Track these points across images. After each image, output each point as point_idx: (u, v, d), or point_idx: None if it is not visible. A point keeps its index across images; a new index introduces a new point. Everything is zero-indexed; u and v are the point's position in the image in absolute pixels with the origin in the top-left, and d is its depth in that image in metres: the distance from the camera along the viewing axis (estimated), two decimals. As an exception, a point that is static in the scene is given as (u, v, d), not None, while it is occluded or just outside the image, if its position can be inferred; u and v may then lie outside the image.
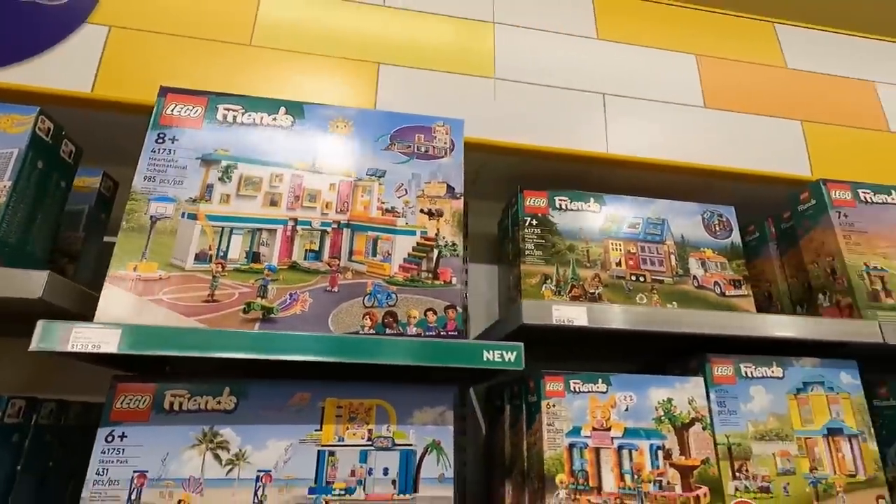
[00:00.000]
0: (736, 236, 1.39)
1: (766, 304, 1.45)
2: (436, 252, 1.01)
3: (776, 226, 1.46)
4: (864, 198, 1.28)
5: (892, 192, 1.30)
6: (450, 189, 1.07)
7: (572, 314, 0.97)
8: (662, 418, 1.00)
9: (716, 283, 1.33)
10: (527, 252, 1.27)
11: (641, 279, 1.30)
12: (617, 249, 1.33)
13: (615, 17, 1.58)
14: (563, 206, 1.34)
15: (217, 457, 0.90)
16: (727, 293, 1.32)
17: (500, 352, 0.92)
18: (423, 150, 1.09)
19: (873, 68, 1.70)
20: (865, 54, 1.72)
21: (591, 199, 1.36)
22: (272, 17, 1.35)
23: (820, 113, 1.58)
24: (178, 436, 0.90)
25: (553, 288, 1.26)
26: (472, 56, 1.42)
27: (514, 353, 0.92)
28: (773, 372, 1.10)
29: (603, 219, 1.34)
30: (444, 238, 1.02)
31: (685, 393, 1.03)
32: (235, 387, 0.93)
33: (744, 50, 1.63)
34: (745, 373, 1.09)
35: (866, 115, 1.62)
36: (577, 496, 0.92)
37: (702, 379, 1.05)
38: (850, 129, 1.58)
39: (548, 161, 1.39)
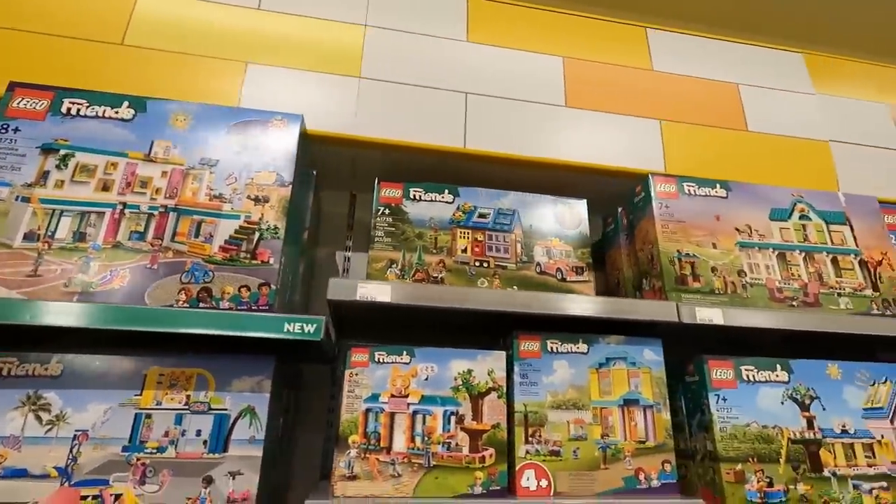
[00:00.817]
0: (585, 227, 1.49)
1: (615, 290, 1.56)
2: (257, 234, 1.11)
3: (627, 217, 1.56)
4: (688, 190, 1.38)
5: (717, 185, 1.40)
6: (279, 178, 1.17)
7: (376, 292, 1.07)
8: (460, 387, 1.10)
9: (558, 269, 1.43)
10: (376, 238, 1.37)
11: (485, 265, 1.40)
12: (465, 237, 1.43)
13: (488, 21, 1.69)
14: (417, 197, 1.44)
15: (38, 417, 1.00)
16: (568, 279, 1.42)
17: (300, 324, 1.02)
18: (257, 141, 1.19)
19: (737, 71, 1.81)
20: (730, 57, 1.83)
21: (446, 191, 1.46)
22: (146, 18, 1.44)
23: (680, 113, 1.69)
24: (3, 398, 0.99)
25: (397, 272, 1.35)
26: (340, 56, 1.52)
27: (315, 326, 1.02)
28: (578, 348, 1.20)
29: (455, 209, 1.44)
30: (266, 222, 1.12)
31: (486, 365, 1.13)
32: (62, 355, 1.02)
33: (612, 53, 1.73)
34: (551, 348, 1.19)
35: (727, 115, 1.73)
36: (367, 455, 1.01)
37: (504, 353, 1.15)
38: (708, 128, 1.69)
39: (408, 155, 1.49)
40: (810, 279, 1.33)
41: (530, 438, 1.10)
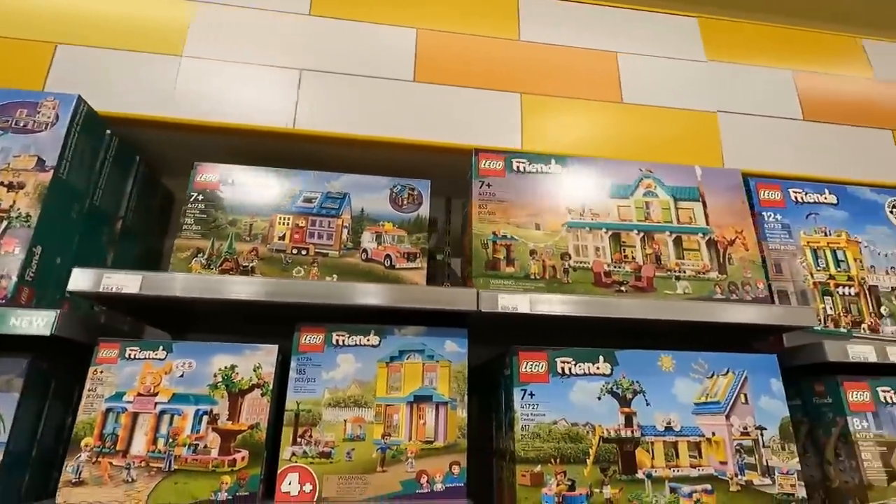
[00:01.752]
0: (425, 210, 1.38)
1: (464, 278, 1.45)
2: (4, 223, 1.03)
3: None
4: (518, 167, 1.26)
5: (552, 161, 1.28)
6: (40, 162, 1.09)
7: (124, 282, 0.99)
8: (219, 384, 1.01)
9: (387, 255, 1.33)
10: (185, 226, 1.28)
11: (304, 252, 1.30)
12: (284, 223, 1.33)
13: (336, -8, 1.58)
14: (236, 181, 1.35)
15: None
16: (397, 266, 1.32)
17: (28, 318, 0.94)
18: (21, 124, 1.11)
19: (617, 39, 1.66)
20: (610, 24, 1.68)
21: (270, 174, 1.37)
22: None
23: (546, 86, 1.56)
24: None
25: (203, 261, 1.27)
26: (161, 35, 1.43)
27: (45, 320, 0.95)
28: (368, 340, 1.10)
29: (277, 193, 1.35)
30: (17, 209, 1.04)
31: (253, 360, 1.04)
32: None
33: (475, 23, 1.61)
34: (337, 341, 1.09)
35: (601, 86, 1.60)
36: (100, 459, 0.94)
37: (275, 347, 1.06)
38: (575, 100, 1.56)
39: (231, 137, 1.40)
40: (646, 261, 1.21)
41: (299, 439, 1.01)
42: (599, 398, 1.11)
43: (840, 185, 1.51)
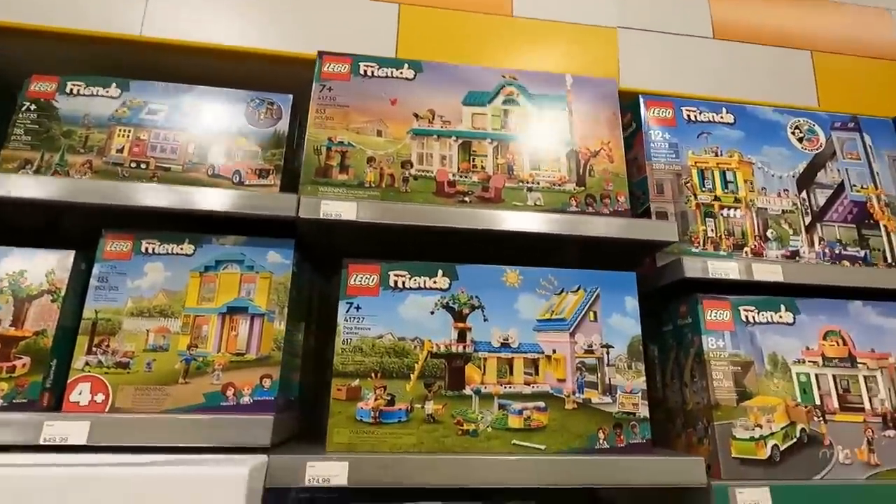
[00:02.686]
0: (283, 125, 1.28)
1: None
2: None
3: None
4: (366, 71, 1.16)
5: (405, 65, 1.17)
6: None
7: None
8: (4, 289, 0.94)
9: (236, 171, 1.24)
10: (13, 137, 1.19)
11: (143, 166, 1.21)
12: (124, 136, 1.24)
13: None
14: (76, 92, 1.25)
15: None
16: (247, 182, 1.22)
17: None
18: None
19: (513, -53, 1.53)
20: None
21: (113, 85, 1.26)
22: None
23: (429, -4, 1.44)
24: None
25: (31, 173, 1.18)
26: (-4, -69, 1.31)
27: None
28: (182, 249, 1.02)
29: (120, 104, 1.25)
30: None
31: (46, 265, 0.97)
32: None
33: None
34: (146, 249, 1.01)
35: (491, -1, 1.48)
36: None
37: (72, 252, 0.98)
38: (459, 12, 1.44)
39: (73, 44, 1.30)
40: (497, 171, 1.12)
41: (94, 349, 0.95)
42: (433, 312, 1.04)
43: (739, 105, 1.41)
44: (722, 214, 1.29)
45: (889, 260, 1.31)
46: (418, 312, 1.03)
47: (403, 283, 1.05)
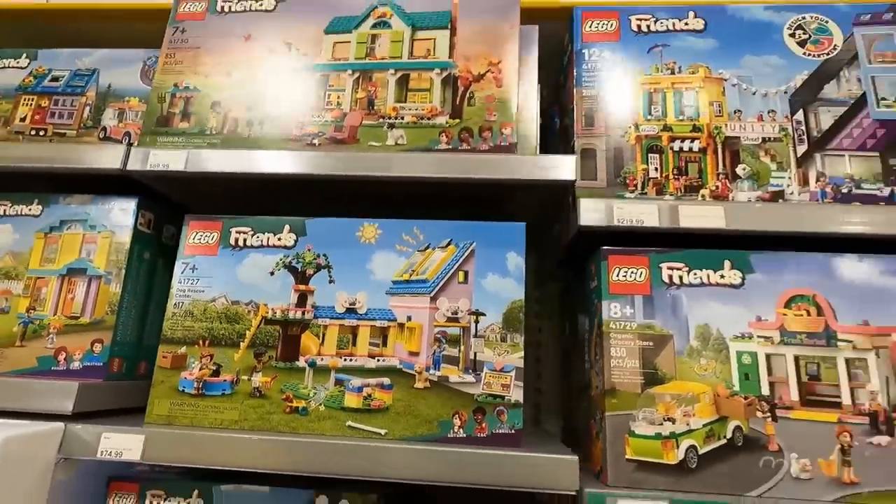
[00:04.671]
0: (176, 82, 1.21)
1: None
2: None
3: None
4: (223, 7, 1.03)
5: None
6: None
7: None
8: None
9: (126, 133, 1.19)
10: (-66, 112, 1.26)
11: (42, 133, 1.21)
12: (27, 104, 1.25)
13: None
14: (-17, 64, 1.28)
15: None
16: (136, 143, 1.18)
17: None
18: None
19: None
20: None
21: (24, 56, 1.28)
22: None
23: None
24: None
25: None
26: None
27: None
28: (30, 209, 0.99)
29: (27, 74, 1.26)
30: None
31: None
32: None
33: None
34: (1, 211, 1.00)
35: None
36: None
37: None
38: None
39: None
40: (354, 107, 0.94)
41: (-55, 310, 0.95)
42: (272, 273, 0.91)
43: (716, 6, 1.07)
44: (672, 148, 0.99)
45: (931, 199, 0.92)
46: (257, 273, 0.91)
47: (245, 240, 0.93)
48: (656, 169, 0.98)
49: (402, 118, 0.93)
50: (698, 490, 0.74)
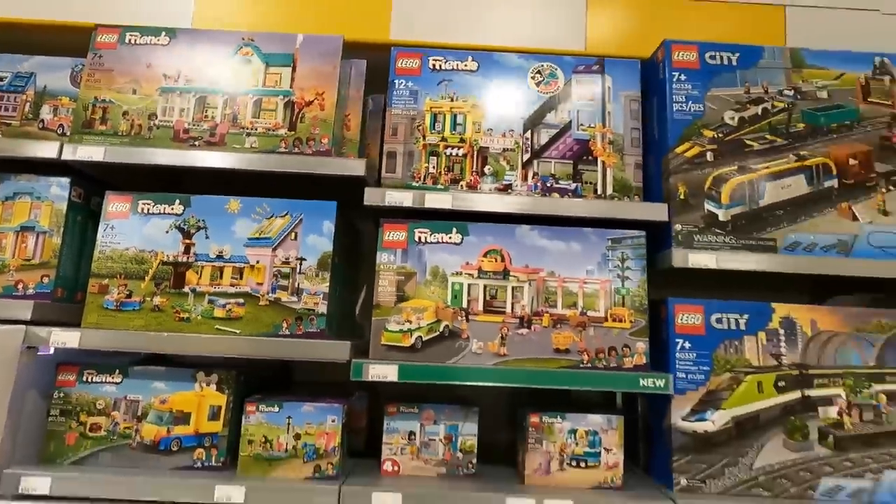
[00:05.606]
0: (99, 85, 1.60)
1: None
2: None
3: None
4: (130, 40, 1.44)
5: (163, 33, 1.44)
6: None
7: None
8: None
9: (60, 125, 1.59)
10: None
11: (-9, 123, 1.59)
12: (-22, 99, 1.61)
13: None
14: (-60, 64, 1.62)
15: None
16: (70, 133, 1.58)
17: None
18: None
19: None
20: None
21: (-27, 59, 1.63)
22: None
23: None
24: None
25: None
26: None
27: None
28: (-11, 185, 1.40)
29: (-25, 74, 1.62)
30: None
31: None
32: None
33: None
34: (-34, 184, 1.40)
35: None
36: None
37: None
38: (250, -22, 1.66)
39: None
40: (223, 120, 1.39)
41: (-70, 254, 1.37)
42: (167, 232, 1.37)
43: (487, 52, 1.56)
44: (445, 153, 1.50)
45: (599, 191, 1.47)
46: (157, 232, 1.37)
47: (148, 209, 1.37)
48: (434, 167, 1.49)
49: (256, 129, 1.39)
50: (419, 361, 1.28)
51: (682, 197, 1.40)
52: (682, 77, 1.47)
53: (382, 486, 1.23)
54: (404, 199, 1.34)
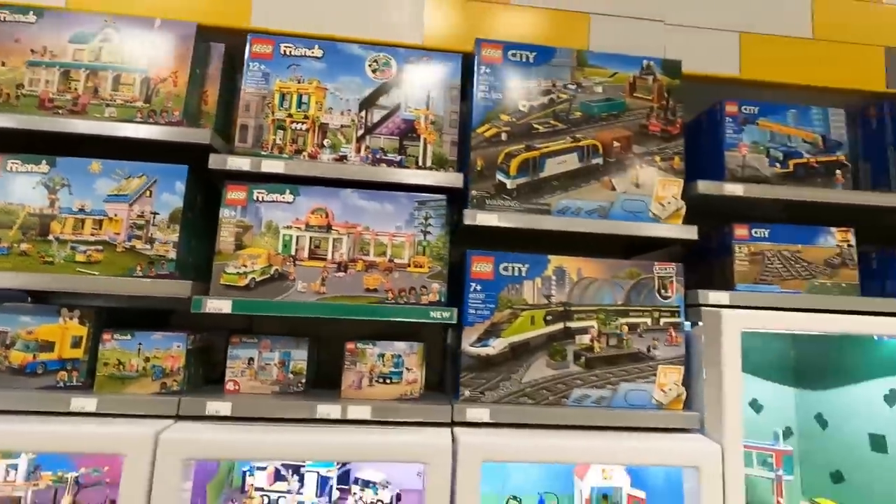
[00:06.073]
0: None
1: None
2: None
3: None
4: (3, 17, 1.62)
5: (30, 12, 1.63)
6: None
7: None
8: None
9: (-61, 90, 1.75)
10: None
11: None
12: None
13: None
14: None
15: None
16: None
17: None
18: None
19: None
20: None
21: None
22: None
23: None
24: None
25: None
26: None
27: None
28: None
29: None
30: None
31: None
32: None
33: None
34: None
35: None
36: None
37: None
38: (122, -36, 1.84)
39: None
40: (84, 92, 1.60)
41: None
42: (34, 188, 1.58)
43: (331, 42, 1.83)
44: (291, 127, 1.76)
45: (420, 163, 1.78)
46: (24, 188, 1.57)
47: (16, 168, 1.57)
48: (281, 139, 1.75)
49: (115, 101, 1.60)
50: (251, 297, 1.56)
51: (479, 169, 1.72)
52: (488, 70, 1.78)
53: (216, 397, 1.52)
54: (243, 164, 1.60)
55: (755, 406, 2.21)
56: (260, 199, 1.63)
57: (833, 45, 2.10)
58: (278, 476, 1.82)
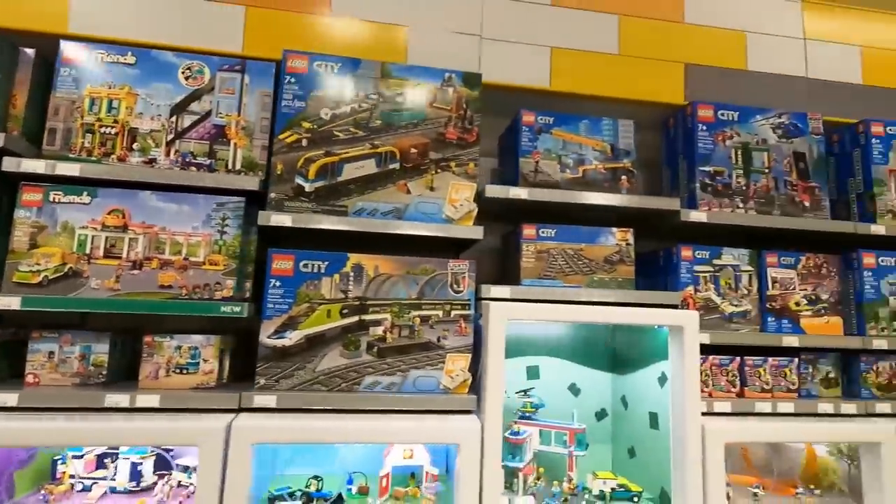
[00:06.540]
0: None
1: None
2: None
3: None
4: None
5: None
6: None
7: None
8: None
9: None
10: None
11: None
12: None
13: None
14: None
15: None
16: None
17: None
18: None
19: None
20: None
21: None
22: None
23: None
24: None
25: None
26: None
27: None
28: None
29: None
30: None
31: None
32: None
33: None
34: None
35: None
36: None
37: None
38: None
39: None
40: None
41: None
42: None
43: (146, 49, 1.91)
44: (100, 131, 1.84)
45: (230, 166, 1.89)
46: None
47: None
48: (89, 142, 1.82)
49: None
50: (43, 294, 1.64)
51: (279, 173, 1.84)
52: (293, 80, 1.90)
53: (10, 389, 1.60)
54: (38, 167, 1.67)
55: (573, 389, 2.41)
56: (56, 200, 1.70)
57: (638, 60, 2.31)
58: (100, 464, 1.92)
